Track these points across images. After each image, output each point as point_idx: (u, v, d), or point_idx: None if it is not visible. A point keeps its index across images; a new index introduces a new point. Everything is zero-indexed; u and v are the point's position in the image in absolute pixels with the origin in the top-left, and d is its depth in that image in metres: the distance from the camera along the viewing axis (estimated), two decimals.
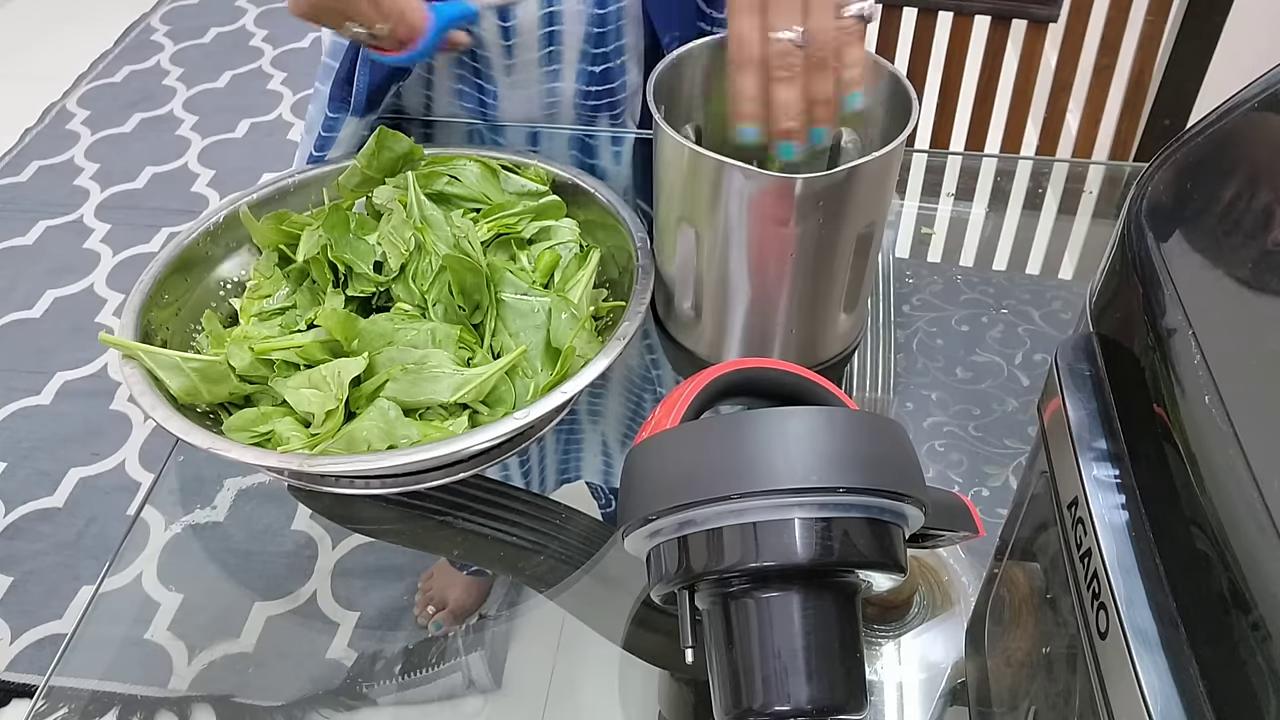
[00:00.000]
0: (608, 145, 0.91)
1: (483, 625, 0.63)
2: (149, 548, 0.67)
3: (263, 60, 2.79)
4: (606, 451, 0.75)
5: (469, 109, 0.91)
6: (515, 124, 0.91)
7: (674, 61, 0.70)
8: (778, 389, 0.51)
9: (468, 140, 0.91)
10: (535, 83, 0.88)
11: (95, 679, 0.60)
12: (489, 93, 0.89)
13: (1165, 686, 0.31)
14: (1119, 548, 0.34)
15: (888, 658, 0.60)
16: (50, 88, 2.67)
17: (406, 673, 0.61)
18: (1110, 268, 0.42)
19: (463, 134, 0.91)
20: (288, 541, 0.68)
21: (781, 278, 0.65)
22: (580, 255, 0.75)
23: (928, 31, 1.24)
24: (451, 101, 0.91)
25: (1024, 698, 0.45)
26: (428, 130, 0.92)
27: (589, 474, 0.73)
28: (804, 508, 0.41)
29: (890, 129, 0.69)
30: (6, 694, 1.43)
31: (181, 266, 0.71)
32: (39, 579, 1.56)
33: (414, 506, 0.67)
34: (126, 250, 2.17)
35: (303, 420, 0.64)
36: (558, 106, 0.90)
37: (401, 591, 0.66)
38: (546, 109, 0.90)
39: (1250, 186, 0.38)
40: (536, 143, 0.91)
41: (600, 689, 0.60)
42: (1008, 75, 1.23)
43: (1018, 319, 0.81)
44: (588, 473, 0.73)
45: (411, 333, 0.64)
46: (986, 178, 1.00)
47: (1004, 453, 0.70)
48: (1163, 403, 0.35)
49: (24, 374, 1.89)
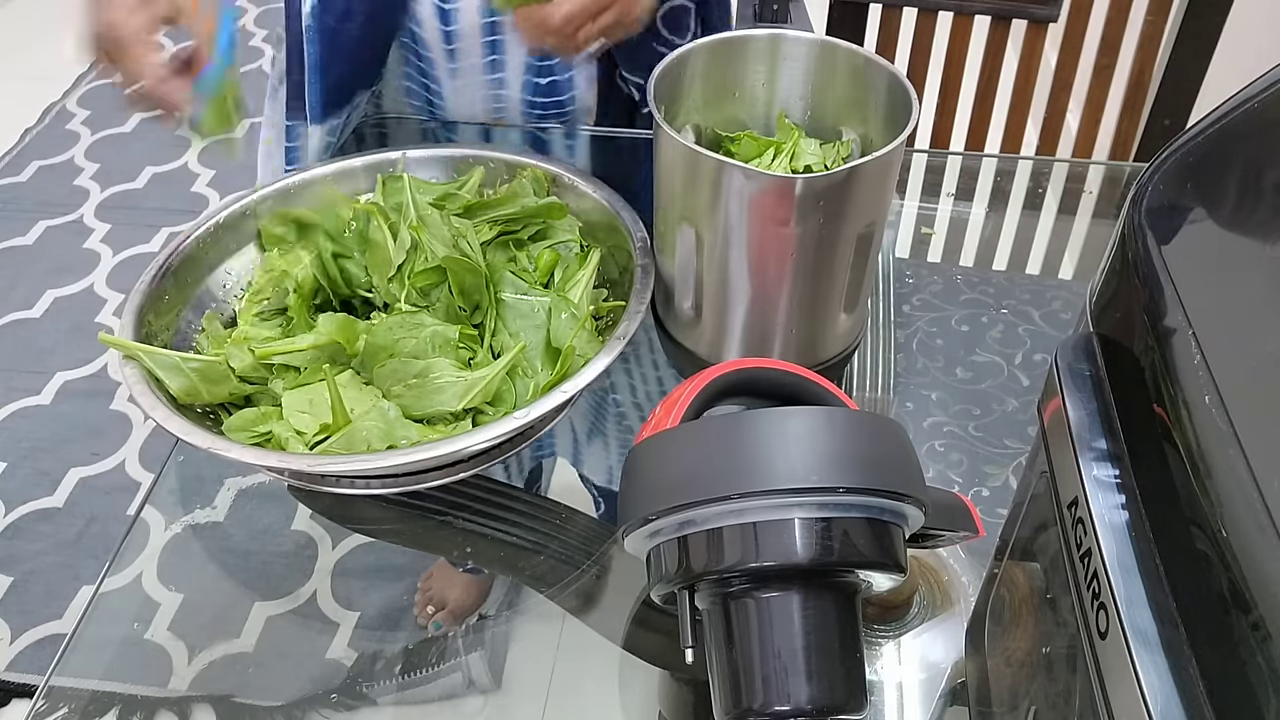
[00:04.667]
0: (561, 141, 0.91)
1: (483, 625, 0.63)
2: (149, 548, 0.67)
3: (263, 60, 2.78)
4: (606, 450, 0.75)
5: (416, 106, 0.92)
6: (464, 121, 0.91)
7: (674, 61, 0.70)
8: (778, 389, 0.51)
9: (421, 138, 0.91)
10: (480, 86, 0.89)
11: (95, 679, 0.60)
12: (435, 92, 0.90)
13: (1165, 686, 0.31)
14: (1119, 548, 0.34)
15: (888, 658, 0.60)
16: (50, 88, 2.67)
17: (406, 673, 0.61)
18: (1110, 268, 0.42)
19: (416, 132, 0.92)
20: (288, 541, 0.68)
21: (781, 278, 0.65)
22: (580, 255, 0.75)
23: (928, 31, 1.24)
24: (400, 99, 0.92)
25: (1024, 698, 0.45)
26: (382, 130, 0.93)
27: (590, 470, 0.73)
28: (804, 508, 0.41)
29: (890, 129, 0.69)
30: (6, 694, 1.43)
31: (181, 266, 0.71)
32: (39, 579, 1.56)
33: (414, 506, 0.67)
34: (126, 250, 2.16)
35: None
36: (504, 112, 0.91)
37: (401, 591, 0.66)
38: (493, 113, 0.91)
39: (1250, 186, 0.38)
40: (489, 139, 0.91)
41: (600, 689, 0.60)
42: (1008, 75, 1.23)
43: (1018, 319, 0.81)
44: (589, 468, 0.73)
45: (412, 342, 0.64)
46: (986, 178, 1.00)
47: (1004, 453, 0.70)
48: (1163, 403, 0.35)
49: (24, 374, 1.89)
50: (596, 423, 0.76)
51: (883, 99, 0.69)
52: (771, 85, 0.74)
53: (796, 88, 0.74)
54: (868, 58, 0.69)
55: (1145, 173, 0.42)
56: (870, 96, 0.70)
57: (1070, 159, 1.08)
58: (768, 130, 0.76)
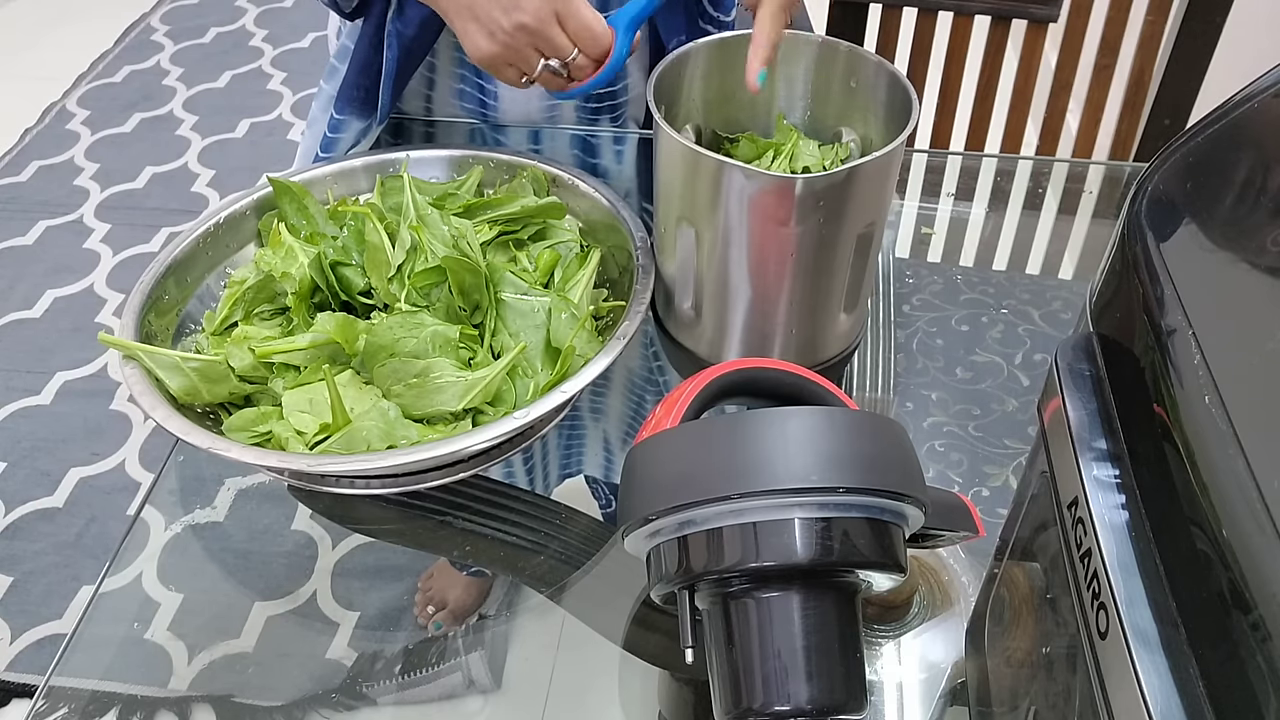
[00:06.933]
0: (610, 145, 0.91)
1: (483, 625, 0.63)
2: (149, 548, 0.67)
3: (263, 60, 2.79)
4: (608, 449, 0.75)
5: (469, 109, 0.91)
6: (517, 124, 0.91)
7: (674, 61, 0.70)
8: (778, 389, 0.51)
9: (469, 140, 0.91)
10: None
11: (95, 679, 0.60)
12: (489, 93, 0.89)
13: (1165, 686, 0.31)
14: (1119, 548, 0.34)
15: (888, 658, 0.60)
16: (50, 88, 2.67)
17: (406, 673, 0.61)
18: (1110, 268, 0.42)
19: (464, 134, 0.91)
20: (288, 541, 0.68)
21: (781, 278, 0.65)
22: (580, 255, 0.75)
23: (928, 31, 1.24)
24: (452, 102, 0.91)
25: (1024, 698, 0.45)
26: (429, 130, 0.92)
27: (591, 469, 0.73)
28: (804, 508, 0.41)
29: (890, 129, 0.69)
30: (6, 694, 1.43)
31: (181, 266, 0.71)
32: (39, 579, 1.56)
33: (414, 506, 0.67)
34: (126, 250, 2.16)
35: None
36: (558, 108, 0.90)
37: (401, 591, 0.66)
38: (547, 110, 0.90)
39: (1250, 186, 0.39)
40: (538, 142, 0.91)
41: (600, 689, 0.60)
42: (1008, 75, 1.23)
43: (1018, 319, 0.81)
44: (590, 468, 0.73)
45: (412, 342, 0.64)
46: (986, 178, 1.00)
47: (1004, 453, 0.70)
48: (1163, 403, 0.35)
49: (24, 374, 1.89)
50: (598, 421, 0.76)
51: (883, 99, 0.69)
52: (771, 85, 0.74)
53: (797, 87, 0.74)
54: (867, 58, 0.70)
55: (1145, 173, 0.42)
56: (870, 96, 0.70)
57: (1070, 159, 1.08)
58: (767, 131, 0.77)
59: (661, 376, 0.78)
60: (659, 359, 0.78)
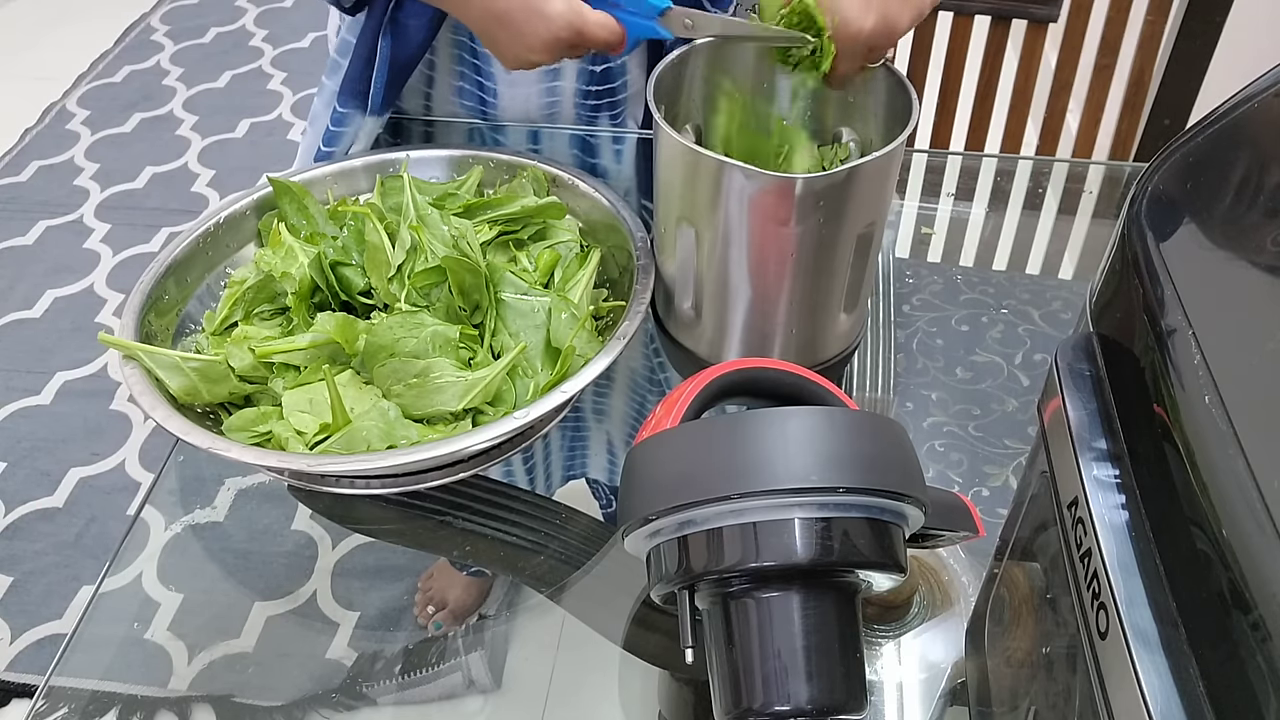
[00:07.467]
0: (609, 144, 0.91)
1: (483, 625, 0.63)
2: (149, 548, 0.67)
3: (263, 60, 2.78)
4: (610, 449, 0.75)
5: (469, 108, 0.91)
6: (516, 123, 0.91)
7: (674, 61, 0.70)
8: (778, 389, 0.51)
9: (468, 140, 0.91)
10: (535, 81, 0.88)
11: (95, 679, 0.60)
12: (489, 90, 0.89)
13: (1165, 686, 0.31)
14: (1119, 548, 0.34)
15: (888, 658, 0.60)
16: (50, 88, 2.67)
17: (406, 673, 0.61)
18: (1110, 268, 0.42)
19: (463, 133, 0.91)
20: (288, 541, 0.68)
21: (781, 278, 0.65)
22: (580, 255, 0.75)
23: (928, 31, 1.24)
24: (452, 100, 0.91)
25: (1024, 698, 0.45)
26: (429, 130, 0.92)
27: (594, 470, 0.73)
28: (804, 508, 0.41)
29: (890, 129, 0.69)
30: (6, 694, 1.43)
31: (181, 266, 0.71)
32: (39, 579, 1.56)
33: (414, 506, 0.67)
34: (126, 250, 2.16)
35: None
36: (558, 106, 0.90)
37: (401, 591, 0.66)
38: (546, 108, 0.90)
39: (1250, 186, 0.39)
40: (538, 142, 0.91)
41: (600, 689, 0.60)
42: (1008, 75, 1.23)
43: (1018, 319, 0.81)
44: (592, 469, 0.73)
45: (412, 341, 0.64)
46: (986, 178, 1.00)
47: (1004, 453, 0.70)
48: (1163, 403, 0.35)
49: (24, 374, 1.89)
50: (600, 421, 0.76)
51: (883, 99, 0.69)
52: (772, 85, 0.74)
53: (797, 87, 0.74)
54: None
55: (1145, 173, 0.42)
56: (870, 97, 0.70)
57: (1070, 159, 1.08)
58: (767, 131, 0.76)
59: (663, 374, 0.78)
60: (660, 358, 0.78)
